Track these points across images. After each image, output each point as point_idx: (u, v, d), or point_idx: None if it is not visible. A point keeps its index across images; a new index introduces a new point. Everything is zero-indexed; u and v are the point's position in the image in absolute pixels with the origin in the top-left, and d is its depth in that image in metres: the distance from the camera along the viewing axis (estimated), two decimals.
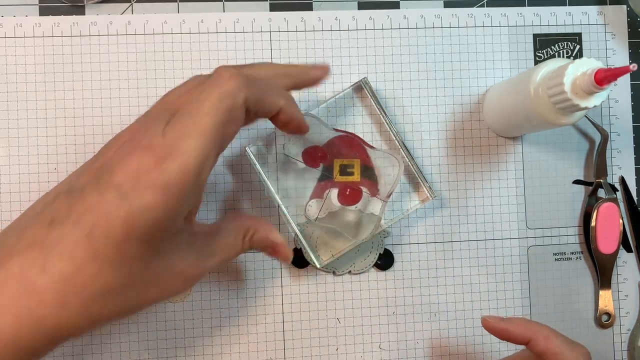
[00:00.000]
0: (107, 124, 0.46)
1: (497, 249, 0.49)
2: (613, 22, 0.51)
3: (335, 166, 0.47)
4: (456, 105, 0.49)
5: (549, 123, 0.40)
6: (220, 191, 0.47)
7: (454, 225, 0.49)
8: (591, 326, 0.50)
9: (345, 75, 0.48)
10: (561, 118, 0.39)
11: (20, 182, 0.46)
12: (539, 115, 0.40)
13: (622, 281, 0.50)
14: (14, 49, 0.46)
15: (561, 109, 0.38)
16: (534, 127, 0.44)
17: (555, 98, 0.38)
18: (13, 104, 0.46)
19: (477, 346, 0.49)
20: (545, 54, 0.50)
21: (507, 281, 0.49)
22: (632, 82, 0.51)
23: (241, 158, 0.47)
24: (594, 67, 0.36)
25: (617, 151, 0.50)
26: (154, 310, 0.46)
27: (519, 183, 0.49)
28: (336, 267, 0.47)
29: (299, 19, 0.48)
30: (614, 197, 0.48)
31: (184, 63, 0.47)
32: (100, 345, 0.46)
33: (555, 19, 0.50)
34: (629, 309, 0.50)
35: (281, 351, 0.47)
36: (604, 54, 0.51)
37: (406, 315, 0.48)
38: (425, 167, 0.49)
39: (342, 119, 0.48)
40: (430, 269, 0.48)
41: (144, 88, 0.47)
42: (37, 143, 0.46)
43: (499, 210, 0.49)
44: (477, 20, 0.49)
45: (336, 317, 0.48)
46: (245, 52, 0.48)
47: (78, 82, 0.46)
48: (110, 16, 0.47)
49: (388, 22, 0.49)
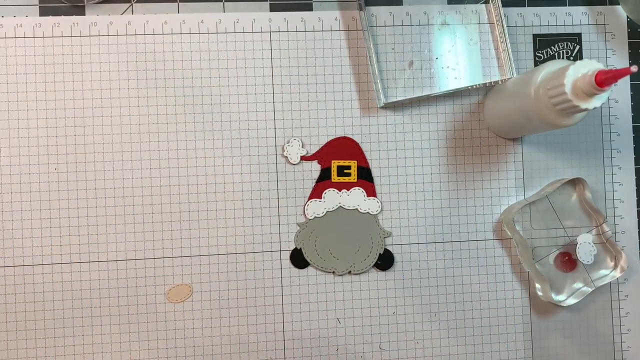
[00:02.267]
0: (107, 124, 0.46)
1: (497, 249, 0.49)
2: (613, 22, 0.51)
3: (332, 167, 0.48)
4: (456, 105, 0.49)
5: (549, 124, 0.40)
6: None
7: (454, 225, 0.49)
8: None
9: (345, 75, 0.48)
10: (562, 119, 0.39)
11: (20, 182, 0.46)
12: (539, 116, 0.40)
13: (622, 281, 0.50)
14: (14, 49, 0.46)
15: (562, 111, 0.38)
16: (535, 129, 0.44)
17: (556, 99, 0.37)
18: (13, 104, 0.46)
19: (477, 346, 0.49)
20: (545, 54, 0.50)
21: (507, 281, 0.49)
22: (632, 82, 0.51)
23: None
24: (594, 68, 0.36)
25: (617, 151, 0.50)
26: (154, 311, 0.46)
27: (518, 183, 0.49)
28: (336, 267, 0.47)
29: (299, 19, 0.48)
30: None
31: (184, 63, 0.47)
32: (100, 345, 0.46)
33: (555, 19, 0.50)
34: (629, 309, 0.50)
35: (281, 351, 0.47)
36: (603, 54, 0.51)
37: (406, 315, 0.48)
38: (425, 167, 0.49)
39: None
40: (430, 269, 0.49)
41: (144, 88, 0.47)
42: (37, 143, 0.46)
43: (499, 211, 0.49)
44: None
45: (336, 317, 0.48)
46: (245, 52, 0.48)
47: (78, 82, 0.46)
48: (111, 16, 0.47)
49: (390, 19, 0.49)
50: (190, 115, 0.47)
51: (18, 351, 0.45)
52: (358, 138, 0.48)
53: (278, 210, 0.47)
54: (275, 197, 0.47)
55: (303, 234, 0.47)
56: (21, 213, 0.46)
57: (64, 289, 0.46)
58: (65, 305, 0.46)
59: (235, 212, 0.47)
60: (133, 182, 0.46)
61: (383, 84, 0.48)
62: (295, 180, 0.48)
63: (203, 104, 0.47)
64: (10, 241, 0.45)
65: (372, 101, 0.48)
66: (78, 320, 0.46)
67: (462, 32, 0.49)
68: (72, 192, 0.46)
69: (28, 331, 0.45)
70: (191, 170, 0.47)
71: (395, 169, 0.48)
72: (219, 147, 0.47)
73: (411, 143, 0.49)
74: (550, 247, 0.49)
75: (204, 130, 0.47)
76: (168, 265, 0.46)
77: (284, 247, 0.47)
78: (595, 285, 0.49)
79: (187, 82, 0.47)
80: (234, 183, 0.47)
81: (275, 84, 0.48)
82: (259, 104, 0.48)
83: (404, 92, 0.48)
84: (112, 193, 0.46)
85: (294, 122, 0.48)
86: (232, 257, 0.47)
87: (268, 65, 0.48)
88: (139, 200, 0.46)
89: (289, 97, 0.48)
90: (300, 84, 0.48)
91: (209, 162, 0.47)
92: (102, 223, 0.46)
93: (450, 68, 0.49)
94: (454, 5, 0.49)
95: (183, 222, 0.47)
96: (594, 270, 0.49)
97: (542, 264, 0.49)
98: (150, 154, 0.47)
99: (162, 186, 0.47)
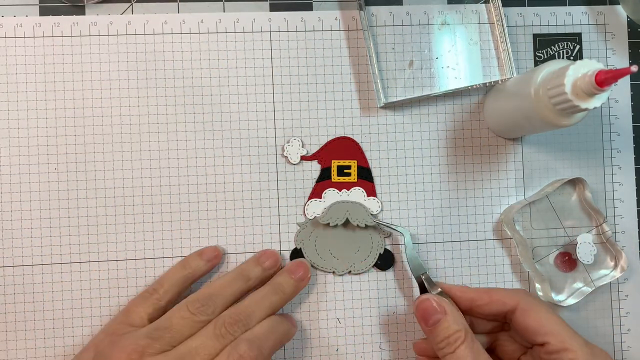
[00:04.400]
0: (107, 124, 0.46)
1: (497, 249, 0.49)
2: (613, 22, 0.51)
3: (332, 167, 0.48)
4: (456, 105, 0.49)
5: (549, 124, 0.40)
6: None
7: (454, 225, 0.49)
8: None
9: (345, 75, 0.48)
10: (561, 119, 0.39)
11: (20, 182, 0.46)
12: (539, 116, 0.40)
13: (622, 281, 0.50)
14: (14, 49, 0.46)
15: (562, 110, 0.38)
16: (535, 129, 0.44)
17: (556, 99, 0.38)
18: (13, 104, 0.46)
19: None
20: (545, 54, 0.50)
21: (507, 281, 0.49)
22: (632, 82, 0.51)
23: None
24: (594, 68, 0.36)
25: (617, 151, 0.50)
26: None
27: (518, 183, 0.49)
28: (336, 267, 0.47)
29: (299, 19, 0.48)
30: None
31: (184, 63, 0.47)
32: None
33: (555, 19, 0.50)
34: (629, 309, 0.50)
35: (281, 351, 0.47)
36: (603, 54, 0.51)
37: (406, 315, 0.48)
38: (425, 167, 0.49)
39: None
40: (431, 269, 0.49)
41: (144, 88, 0.47)
42: (37, 143, 0.46)
43: (499, 211, 0.49)
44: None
45: (336, 317, 0.48)
46: (245, 52, 0.48)
47: (78, 82, 0.46)
48: (111, 16, 0.47)
49: (390, 19, 0.49)
50: (190, 115, 0.47)
51: (18, 351, 0.45)
52: (358, 138, 0.48)
53: (278, 210, 0.47)
54: (275, 197, 0.47)
55: (303, 233, 0.47)
56: (21, 213, 0.46)
57: (64, 289, 0.46)
58: (65, 305, 0.46)
59: (235, 212, 0.47)
60: (133, 182, 0.46)
61: (383, 83, 0.48)
62: (295, 180, 0.48)
63: (203, 104, 0.47)
64: (10, 241, 0.45)
65: (372, 101, 0.48)
66: (78, 320, 0.46)
67: (462, 32, 0.49)
68: (72, 192, 0.46)
69: (28, 331, 0.45)
70: (191, 170, 0.47)
71: (395, 169, 0.48)
72: (219, 147, 0.47)
73: (411, 143, 0.49)
74: (550, 247, 0.49)
75: (204, 130, 0.47)
76: (168, 265, 0.46)
77: (284, 247, 0.47)
78: (595, 285, 0.49)
79: (187, 82, 0.47)
80: (234, 183, 0.47)
81: (275, 84, 0.48)
82: (259, 104, 0.48)
83: (404, 92, 0.48)
84: (112, 193, 0.46)
85: (294, 122, 0.48)
86: (232, 257, 0.47)
87: (268, 65, 0.48)
88: (139, 200, 0.46)
89: (289, 97, 0.48)
90: (300, 84, 0.48)
91: (209, 162, 0.47)
92: (102, 223, 0.46)
93: (450, 68, 0.49)
94: (454, 5, 0.49)
95: (183, 222, 0.47)
96: (594, 270, 0.49)
97: (542, 264, 0.49)
98: (150, 154, 0.47)
99: (162, 186, 0.47)
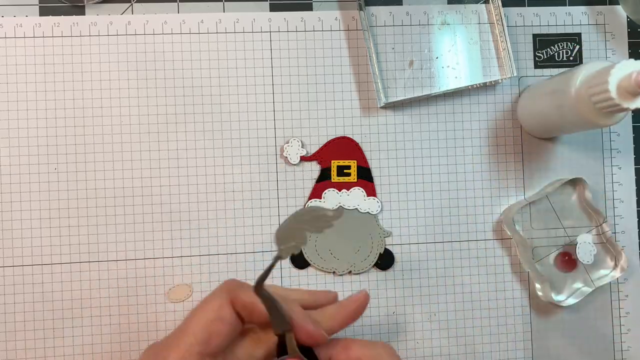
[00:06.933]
0: (107, 124, 0.46)
1: (497, 249, 0.49)
2: (613, 22, 0.51)
3: (332, 167, 0.48)
4: (456, 105, 0.49)
5: (589, 124, 0.40)
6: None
7: (454, 225, 0.49)
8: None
9: (345, 75, 0.48)
10: (602, 119, 0.40)
11: (20, 182, 0.46)
12: (580, 116, 0.40)
13: (622, 281, 0.50)
14: (14, 49, 0.46)
15: (603, 110, 0.39)
16: (572, 128, 0.44)
17: (598, 97, 0.38)
18: (13, 104, 0.46)
19: (477, 346, 0.49)
20: (545, 54, 0.50)
21: (507, 281, 0.49)
22: None
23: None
24: (638, 69, 0.36)
25: (617, 151, 0.50)
26: (154, 311, 0.46)
27: (518, 183, 0.49)
28: (336, 267, 0.47)
29: (299, 19, 0.48)
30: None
31: (184, 63, 0.47)
32: (100, 345, 0.46)
33: (554, 19, 0.50)
34: (629, 309, 0.50)
35: None
36: (603, 54, 0.51)
37: (406, 315, 0.48)
38: (425, 167, 0.49)
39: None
40: (430, 269, 0.49)
41: (144, 88, 0.47)
42: (37, 143, 0.46)
43: (499, 211, 0.49)
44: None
45: None
46: (245, 52, 0.48)
47: (78, 82, 0.46)
48: (110, 16, 0.47)
49: (390, 19, 0.49)
50: (190, 115, 0.47)
51: (17, 352, 0.45)
52: (358, 138, 0.48)
53: (278, 210, 0.47)
54: (275, 197, 0.47)
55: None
56: (21, 213, 0.46)
57: (64, 289, 0.46)
58: (65, 305, 0.46)
59: (235, 212, 0.47)
60: (133, 182, 0.46)
61: (383, 83, 0.48)
62: (295, 181, 0.48)
63: (203, 104, 0.47)
64: (10, 241, 0.45)
65: (372, 101, 0.48)
66: (78, 320, 0.46)
67: (462, 32, 0.49)
68: (72, 192, 0.46)
69: (27, 331, 0.45)
70: (191, 170, 0.47)
71: (395, 169, 0.48)
72: (219, 147, 0.47)
73: (411, 143, 0.49)
74: (550, 247, 0.49)
75: (204, 130, 0.47)
76: (168, 265, 0.46)
77: None
78: (595, 285, 0.49)
79: (187, 82, 0.47)
80: (234, 183, 0.47)
81: (275, 84, 0.48)
82: (259, 104, 0.48)
83: (404, 92, 0.48)
84: (112, 193, 0.46)
85: (294, 122, 0.48)
86: (232, 257, 0.47)
87: (268, 65, 0.48)
88: (139, 200, 0.46)
89: (289, 97, 0.48)
90: (300, 84, 0.48)
91: (209, 162, 0.47)
92: (102, 223, 0.46)
93: (451, 67, 0.49)
94: (454, 5, 0.49)
95: (183, 222, 0.47)
96: (594, 270, 0.49)
97: (542, 264, 0.49)
98: (150, 154, 0.47)
99: (162, 186, 0.47)
